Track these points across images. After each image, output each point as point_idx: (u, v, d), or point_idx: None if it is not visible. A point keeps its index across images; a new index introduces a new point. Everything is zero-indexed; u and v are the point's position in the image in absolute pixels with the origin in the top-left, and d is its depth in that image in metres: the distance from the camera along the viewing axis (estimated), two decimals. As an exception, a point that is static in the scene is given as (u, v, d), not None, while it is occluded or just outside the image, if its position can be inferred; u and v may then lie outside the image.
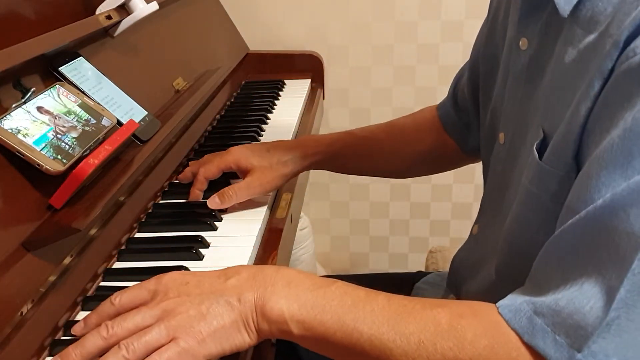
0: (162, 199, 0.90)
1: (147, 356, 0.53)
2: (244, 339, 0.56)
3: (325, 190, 1.84)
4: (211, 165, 0.89)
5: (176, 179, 0.93)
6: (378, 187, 1.83)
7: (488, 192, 0.79)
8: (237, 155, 0.89)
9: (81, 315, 0.66)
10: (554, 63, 0.60)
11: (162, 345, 0.54)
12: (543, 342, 0.49)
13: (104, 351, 0.54)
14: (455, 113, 0.95)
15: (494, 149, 0.75)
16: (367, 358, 0.54)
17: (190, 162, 0.96)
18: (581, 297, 0.48)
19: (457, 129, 0.95)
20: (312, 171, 1.31)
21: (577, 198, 0.51)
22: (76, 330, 0.59)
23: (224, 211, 0.85)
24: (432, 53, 1.66)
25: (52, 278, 0.64)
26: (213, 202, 0.84)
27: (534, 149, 0.59)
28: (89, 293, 0.69)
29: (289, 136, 1.17)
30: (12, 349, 0.56)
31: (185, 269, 0.71)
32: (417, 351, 0.52)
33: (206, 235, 0.79)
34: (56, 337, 0.62)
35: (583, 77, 0.53)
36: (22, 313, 0.59)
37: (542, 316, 0.49)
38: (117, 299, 0.59)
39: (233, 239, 0.79)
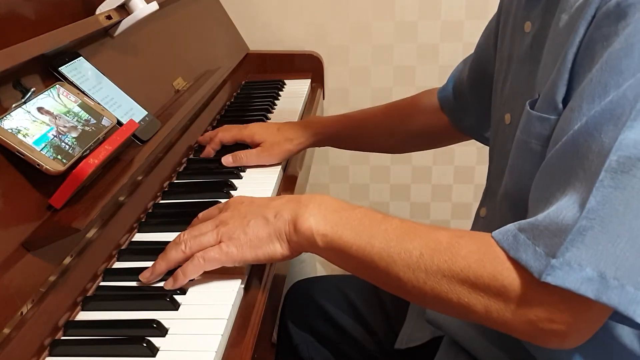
0: (162, 199, 0.90)
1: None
2: (276, 249, 0.67)
3: (325, 191, 1.84)
4: (228, 133, 1.05)
5: (198, 140, 1.08)
6: (378, 187, 1.83)
7: (496, 172, 0.80)
8: (253, 130, 1.05)
9: (81, 315, 0.66)
10: (551, 33, 0.63)
11: (211, 246, 0.67)
12: (525, 254, 0.53)
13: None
14: (453, 98, 1.02)
15: (499, 130, 0.78)
16: (376, 269, 0.61)
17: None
18: (557, 210, 0.52)
19: (453, 110, 1.03)
20: (312, 171, 1.32)
21: (561, 130, 0.56)
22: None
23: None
24: (432, 53, 1.66)
25: (52, 278, 0.64)
26: (226, 160, 1.00)
27: (527, 103, 0.63)
28: (89, 293, 0.69)
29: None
30: (12, 349, 0.56)
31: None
32: (416, 263, 0.58)
33: (206, 235, 0.79)
34: (56, 337, 0.62)
35: (572, 31, 0.57)
36: (22, 313, 0.59)
37: (524, 231, 0.54)
38: (200, 214, 0.75)
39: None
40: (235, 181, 0.94)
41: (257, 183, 0.95)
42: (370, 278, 0.64)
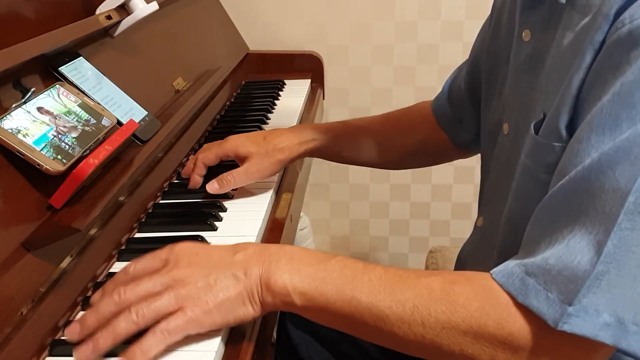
0: (162, 199, 0.90)
1: (154, 321, 0.56)
2: (248, 311, 0.59)
3: (325, 190, 1.84)
4: (209, 152, 0.91)
5: (181, 173, 0.96)
6: (378, 187, 1.83)
7: (493, 182, 0.79)
8: (235, 143, 0.91)
9: (81, 315, 0.66)
10: (554, 49, 0.62)
11: (170, 313, 0.56)
12: (536, 300, 0.50)
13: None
14: (450, 108, 0.97)
15: (497, 140, 0.77)
16: (366, 325, 0.56)
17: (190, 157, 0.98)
18: (569, 253, 0.50)
19: (450, 124, 0.97)
20: (312, 171, 1.30)
21: (568, 162, 0.53)
22: (94, 298, 0.61)
23: (224, 211, 0.85)
24: (432, 53, 1.66)
25: (52, 278, 0.64)
26: (212, 187, 0.87)
27: (532, 126, 0.61)
28: (89, 293, 0.69)
29: (289, 136, 1.17)
30: (12, 349, 0.56)
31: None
32: (412, 316, 0.54)
33: (206, 235, 0.79)
34: (56, 337, 0.62)
35: (577, 54, 0.55)
36: (22, 313, 0.59)
37: (534, 276, 0.51)
38: (132, 267, 0.61)
39: (233, 239, 0.78)
40: (235, 181, 0.94)
41: (257, 184, 0.95)
42: (361, 334, 0.59)
